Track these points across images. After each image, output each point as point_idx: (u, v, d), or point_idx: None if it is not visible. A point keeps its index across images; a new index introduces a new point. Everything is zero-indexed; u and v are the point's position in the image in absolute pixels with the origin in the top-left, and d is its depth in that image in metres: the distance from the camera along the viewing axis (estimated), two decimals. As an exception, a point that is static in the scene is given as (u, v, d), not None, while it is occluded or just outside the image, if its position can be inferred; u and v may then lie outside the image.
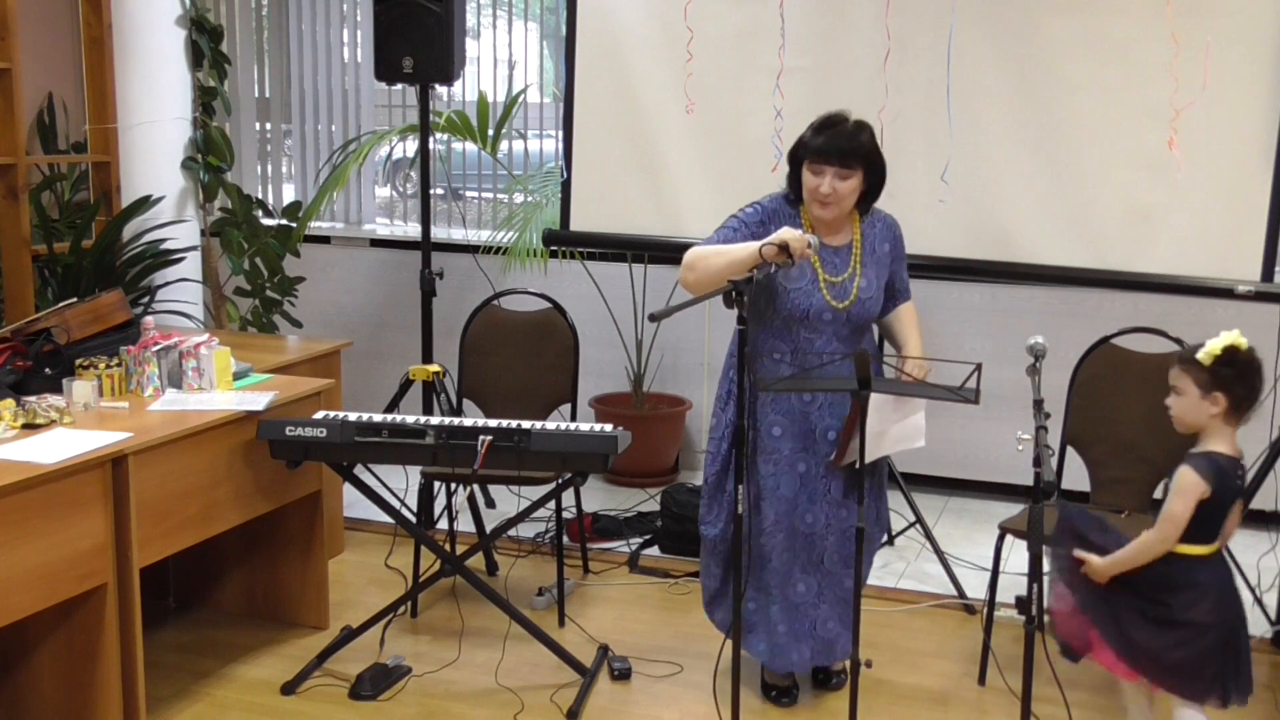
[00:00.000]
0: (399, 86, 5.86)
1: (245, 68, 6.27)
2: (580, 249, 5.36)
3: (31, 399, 3.28)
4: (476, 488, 4.78)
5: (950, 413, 4.56)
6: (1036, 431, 2.72)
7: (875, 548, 3.73)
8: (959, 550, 4.56)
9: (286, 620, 3.92)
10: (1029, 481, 2.70)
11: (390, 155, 6.81)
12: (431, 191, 5.26)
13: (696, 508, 3.56)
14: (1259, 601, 4.04)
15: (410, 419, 3.45)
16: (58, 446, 3.03)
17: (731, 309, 2.91)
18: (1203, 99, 3.92)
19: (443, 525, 4.45)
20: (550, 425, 3.39)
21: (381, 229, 6.25)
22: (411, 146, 5.93)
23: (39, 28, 5.78)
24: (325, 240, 6.14)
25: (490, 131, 5.46)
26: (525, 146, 5.96)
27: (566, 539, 4.42)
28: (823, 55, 4.30)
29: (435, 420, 3.43)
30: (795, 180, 3.30)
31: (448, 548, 4.14)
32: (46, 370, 3.51)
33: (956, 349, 4.69)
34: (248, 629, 3.91)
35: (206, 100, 5.42)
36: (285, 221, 5.51)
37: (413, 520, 3.95)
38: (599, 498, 5.17)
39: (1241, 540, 4.03)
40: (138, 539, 3.11)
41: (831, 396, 3.30)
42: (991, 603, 3.64)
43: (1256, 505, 3.92)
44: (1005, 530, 3.55)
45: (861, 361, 2.86)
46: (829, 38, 4.30)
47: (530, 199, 5.55)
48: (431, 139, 5.21)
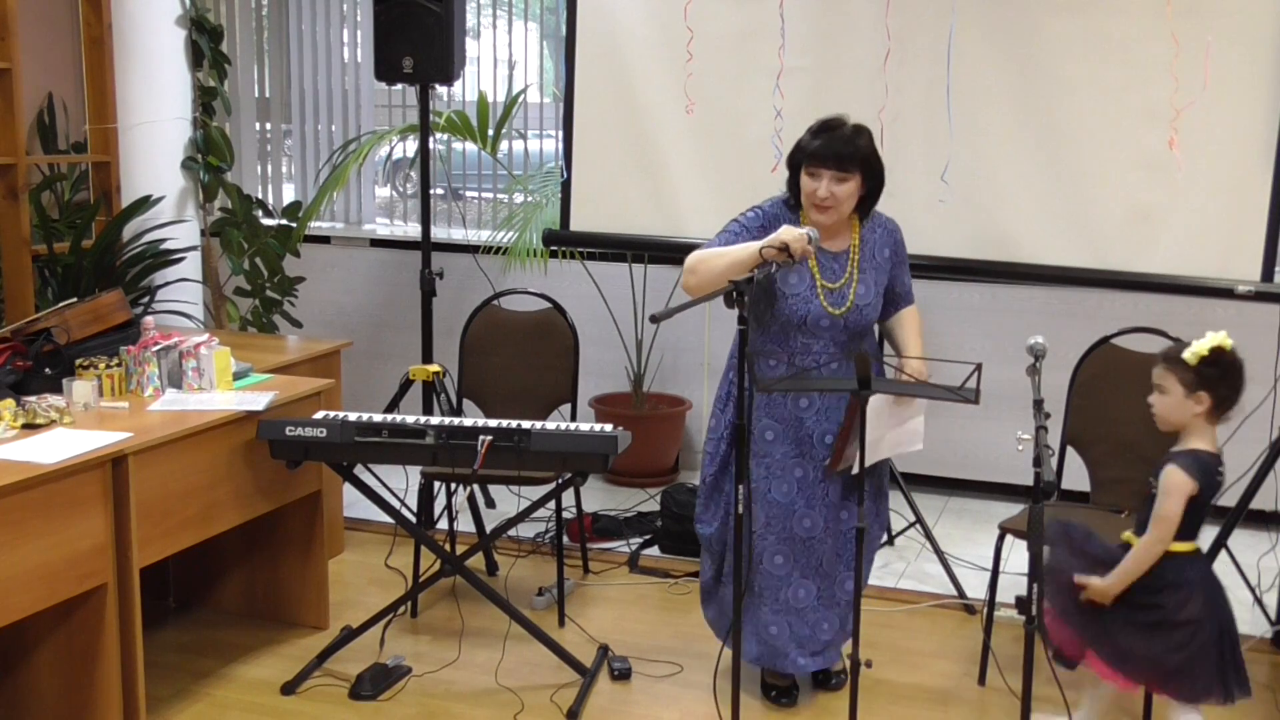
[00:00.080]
0: (399, 86, 5.86)
1: (245, 68, 6.27)
2: (580, 249, 5.36)
3: (31, 399, 3.28)
4: (476, 488, 4.77)
5: (950, 413, 4.57)
6: (1036, 431, 2.72)
7: (875, 548, 3.73)
8: (959, 550, 4.56)
9: (286, 620, 3.92)
10: (1029, 481, 2.70)
11: (390, 155, 6.81)
12: (431, 191, 5.26)
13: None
14: (1259, 601, 4.03)
15: (410, 419, 3.45)
16: (58, 446, 3.03)
17: (732, 309, 2.90)
18: (1203, 99, 3.92)
19: (443, 525, 4.45)
20: (550, 425, 3.39)
21: (381, 229, 6.25)
22: (411, 146, 5.93)
23: (39, 28, 5.77)
24: (325, 240, 6.14)
25: (490, 131, 5.46)
26: (525, 146, 5.96)
27: (566, 539, 4.42)
28: (823, 55, 4.30)
29: (435, 420, 3.43)
30: (794, 185, 3.30)
31: (448, 548, 4.14)
32: (46, 370, 3.51)
33: (956, 349, 4.69)
34: (248, 629, 3.91)
35: (206, 100, 5.42)
36: (285, 221, 5.51)
37: (413, 520, 3.95)
38: (599, 498, 5.17)
39: (1242, 540, 4.05)
40: (138, 539, 3.11)
41: (826, 401, 3.29)
42: (991, 603, 3.64)
43: (1256, 505, 3.93)
44: (1005, 530, 3.55)
45: (862, 361, 2.85)
46: (829, 38, 4.30)
47: (530, 199, 5.55)
48: (431, 139, 5.20)
